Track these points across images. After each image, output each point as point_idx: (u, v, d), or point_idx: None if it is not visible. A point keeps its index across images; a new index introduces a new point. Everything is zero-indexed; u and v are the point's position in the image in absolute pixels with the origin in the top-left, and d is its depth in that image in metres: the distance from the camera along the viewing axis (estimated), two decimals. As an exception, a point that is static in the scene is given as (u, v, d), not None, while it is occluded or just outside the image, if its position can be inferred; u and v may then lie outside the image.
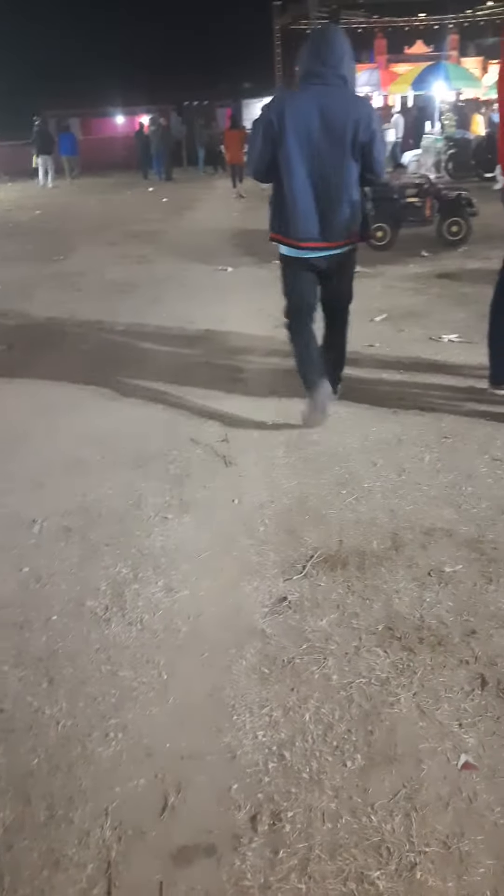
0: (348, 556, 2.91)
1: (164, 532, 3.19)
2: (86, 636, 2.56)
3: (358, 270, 7.33)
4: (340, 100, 3.66)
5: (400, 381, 4.73)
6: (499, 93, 3.94)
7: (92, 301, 7.49)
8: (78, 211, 15.30)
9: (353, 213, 3.81)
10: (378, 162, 3.77)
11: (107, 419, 4.41)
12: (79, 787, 1.97)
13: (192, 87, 35.34)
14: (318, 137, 3.64)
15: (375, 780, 1.91)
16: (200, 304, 7.12)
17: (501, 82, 3.85)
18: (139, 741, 2.11)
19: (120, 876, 1.72)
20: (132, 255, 9.92)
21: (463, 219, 8.81)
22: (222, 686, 2.29)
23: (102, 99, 34.39)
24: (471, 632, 2.43)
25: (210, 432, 4.13)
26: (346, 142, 3.64)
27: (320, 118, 3.61)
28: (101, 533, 3.21)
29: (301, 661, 2.37)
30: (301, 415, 4.12)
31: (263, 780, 1.95)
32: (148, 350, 5.76)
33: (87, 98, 34.02)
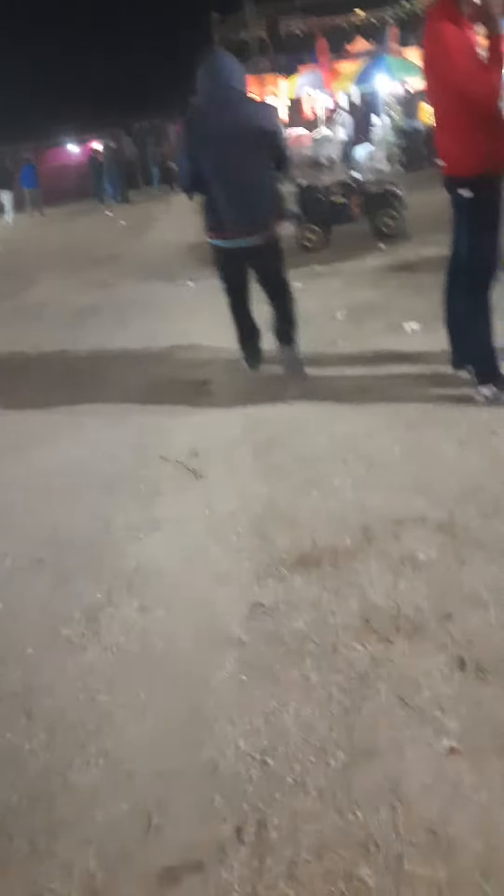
0: (321, 554, 2.88)
1: (137, 552, 3.16)
2: (62, 666, 2.53)
3: (317, 270, 7.35)
4: (242, 109, 4.17)
5: (364, 375, 4.72)
6: (426, 83, 3.94)
7: (55, 330, 7.46)
8: (38, 243, 15.30)
9: (268, 206, 4.43)
10: (284, 150, 4.36)
11: (75, 445, 4.38)
12: (61, 818, 1.93)
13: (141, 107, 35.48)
14: (228, 146, 4.15)
15: (359, 776, 1.89)
16: (164, 321, 7.11)
17: (425, 72, 3.85)
18: (119, 765, 2.07)
19: (106, 904, 1.69)
20: (94, 281, 9.89)
21: (395, 211, 8.93)
22: (201, 699, 2.26)
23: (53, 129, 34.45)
24: (447, 615, 2.42)
25: (179, 448, 4.10)
26: (253, 142, 4.16)
27: (228, 128, 4.13)
28: (73, 561, 3.18)
29: (279, 664, 2.34)
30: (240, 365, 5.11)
31: (247, 790, 1.92)
32: (113, 372, 5.73)
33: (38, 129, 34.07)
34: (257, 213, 4.36)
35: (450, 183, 3.88)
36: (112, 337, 6.80)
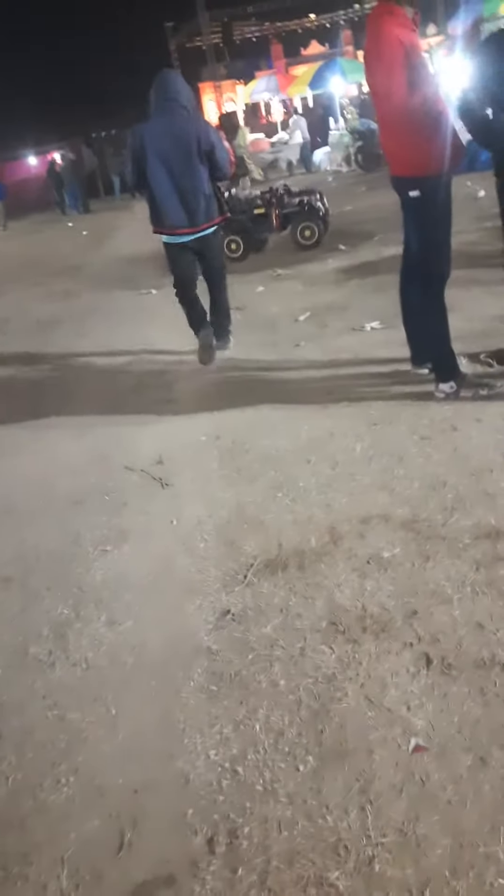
0: (288, 557, 2.88)
1: (105, 565, 3.14)
2: (31, 685, 2.50)
3: (279, 273, 7.38)
4: (184, 122, 4.85)
5: (327, 376, 4.74)
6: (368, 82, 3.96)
7: (18, 343, 7.41)
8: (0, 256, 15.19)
9: (208, 204, 5.02)
10: (221, 162, 4.99)
11: (39, 459, 4.34)
12: (33, 840, 1.91)
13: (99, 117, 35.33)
14: (172, 152, 4.82)
15: (328, 779, 1.89)
16: (127, 330, 7.09)
17: (366, 74, 3.87)
18: (91, 782, 2.05)
19: (79, 925, 1.67)
20: (57, 292, 9.84)
21: (314, 223, 9.09)
22: (171, 711, 2.25)
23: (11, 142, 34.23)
24: (412, 612, 2.42)
25: (144, 457, 4.08)
26: (192, 151, 4.83)
27: (171, 138, 4.80)
28: (40, 577, 3.15)
29: (248, 671, 2.33)
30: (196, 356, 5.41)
31: (218, 800, 1.91)
32: (77, 383, 5.70)
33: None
34: (196, 212, 4.99)
35: (397, 183, 3.90)
36: (75, 347, 6.77)
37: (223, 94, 34.57)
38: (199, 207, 4.98)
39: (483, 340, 4.54)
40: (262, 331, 6.11)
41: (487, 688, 2.05)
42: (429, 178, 3.71)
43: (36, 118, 36.41)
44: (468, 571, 2.55)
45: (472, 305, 5.20)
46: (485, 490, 3.04)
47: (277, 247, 9.72)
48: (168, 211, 4.96)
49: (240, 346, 5.77)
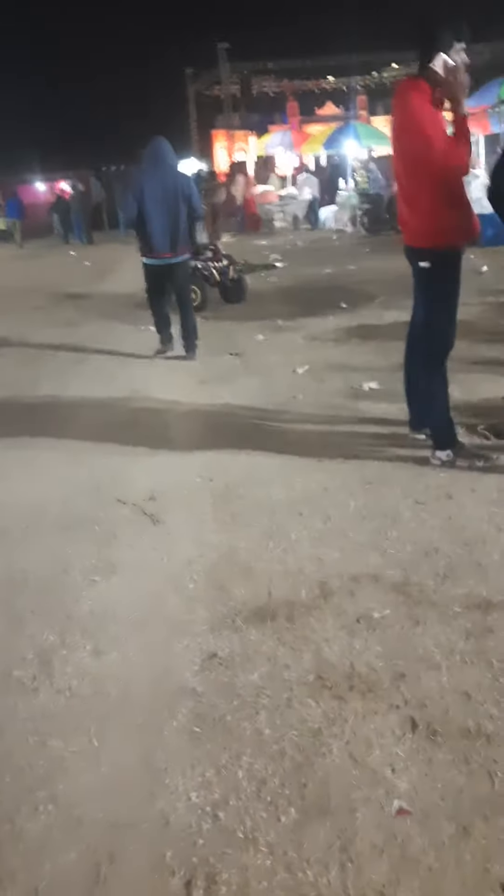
0: (277, 607, 2.91)
1: (92, 595, 3.15)
2: (13, 708, 2.49)
3: (280, 324, 7.53)
4: (172, 176, 6.82)
5: (323, 431, 4.82)
6: (392, 152, 4.11)
7: (16, 366, 7.44)
8: (1, 276, 15.27)
9: (184, 237, 6.84)
10: (195, 204, 6.90)
11: (31, 485, 4.35)
12: (6, 868, 1.89)
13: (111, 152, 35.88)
14: (162, 196, 6.62)
15: (310, 833, 1.90)
16: (125, 364, 7.15)
17: (393, 143, 4.03)
18: (70, 812, 2.05)
19: None
20: (57, 319, 9.91)
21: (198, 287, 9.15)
22: (154, 749, 2.25)
23: (21, 167, 34.61)
24: (400, 675, 2.46)
25: (137, 491, 4.11)
26: (177, 197, 6.67)
27: (162, 186, 6.65)
28: (27, 601, 3.14)
29: (232, 717, 2.35)
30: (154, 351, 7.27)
31: (198, 843, 1.91)
32: (72, 412, 5.73)
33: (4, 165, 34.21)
34: (176, 242, 6.77)
35: (410, 253, 4.02)
36: (72, 376, 6.82)
37: (235, 143, 35.33)
38: (179, 239, 6.79)
39: (481, 413, 4.64)
40: (259, 379, 6.20)
41: (472, 758, 2.08)
42: (442, 251, 3.84)
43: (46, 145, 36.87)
44: (458, 640, 2.60)
45: (472, 379, 5.32)
46: (477, 561, 3.10)
47: (279, 298, 9.91)
48: (157, 239, 6.72)
49: (237, 391, 5.86)
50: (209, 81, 35.37)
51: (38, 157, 34.69)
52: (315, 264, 12.72)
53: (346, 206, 18.46)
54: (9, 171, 32.05)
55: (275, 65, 33.94)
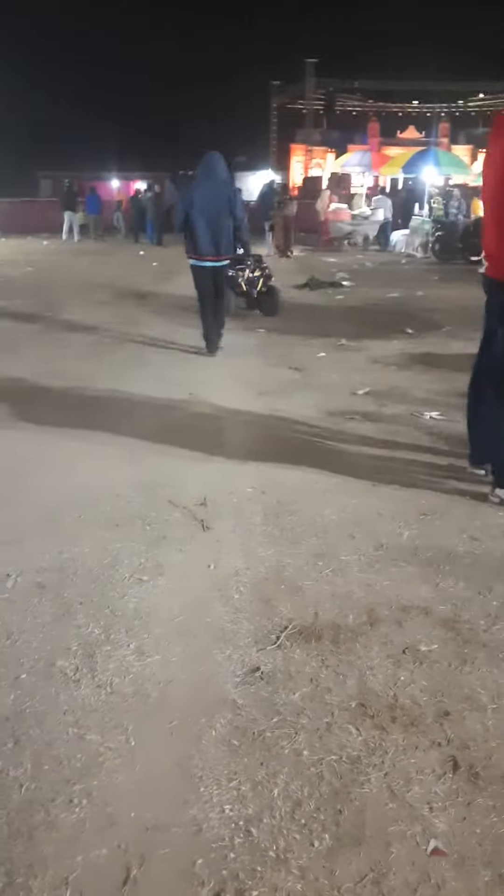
0: (323, 629, 2.90)
1: (139, 594, 3.17)
2: (54, 697, 2.52)
3: (342, 343, 7.51)
4: (220, 188, 7.36)
5: (380, 456, 4.79)
6: (483, 181, 4.10)
7: (78, 359, 7.55)
8: (69, 270, 15.52)
9: (228, 243, 7.51)
10: (239, 216, 7.42)
11: (86, 477, 4.40)
12: (40, 853, 1.91)
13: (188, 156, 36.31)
14: (209, 206, 7.24)
15: (343, 861, 1.88)
16: (185, 368, 7.21)
17: (486, 171, 4.00)
18: (103, 809, 2.06)
19: None
20: (121, 316, 10.04)
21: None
22: (190, 756, 2.25)
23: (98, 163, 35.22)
24: (444, 713, 2.42)
25: (188, 495, 4.13)
26: (223, 207, 7.27)
27: (211, 197, 7.26)
28: (74, 591, 3.18)
29: (272, 734, 2.34)
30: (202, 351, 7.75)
31: (229, 857, 1.91)
32: (131, 410, 5.79)
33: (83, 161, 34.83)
34: (220, 246, 7.42)
35: (491, 285, 3.98)
36: (133, 374, 6.89)
37: (312, 158, 35.50)
38: (222, 244, 7.43)
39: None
40: (318, 396, 6.20)
41: (513, 806, 2.05)
42: None
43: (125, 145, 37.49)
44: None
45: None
46: (531, 604, 3.05)
47: (344, 317, 9.90)
48: (202, 244, 7.35)
49: (295, 406, 5.86)
50: (293, 95, 35.66)
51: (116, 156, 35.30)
52: (382, 286, 12.69)
53: (418, 230, 18.39)
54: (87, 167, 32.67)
55: (361, 84, 34.06)
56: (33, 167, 36.93)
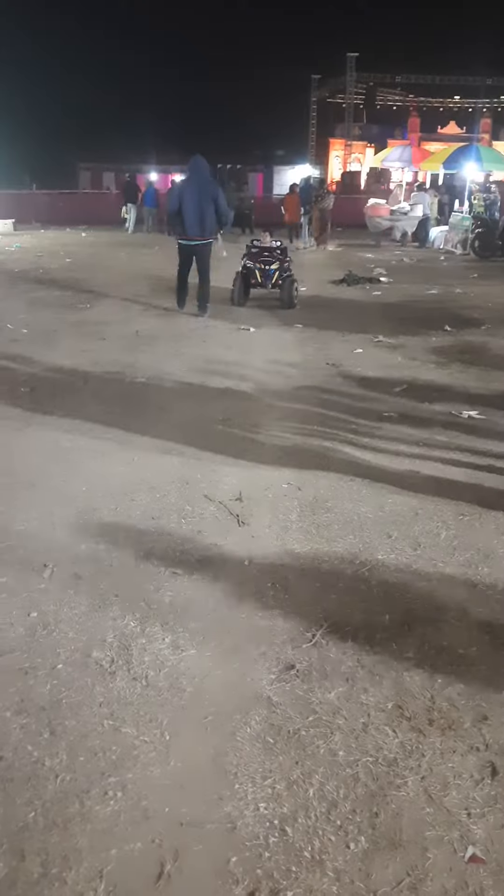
0: (359, 628, 2.87)
1: (174, 588, 3.17)
2: (90, 688, 2.53)
3: (379, 340, 7.42)
4: (206, 183, 9.13)
5: (418, 454, 4.74)
6: None
7: (115, 350, 7.57)
8: (106, 262, 15.55)
9: (210, 227, 9.14)
10: (221, 206, 9.13)
11: (123, 469, 4.42)
12: (74, 845, 1.92)
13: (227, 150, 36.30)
14: (196, 197, 8.92)
15: (379, 865, 1.86)
16: (222, 361, 7.19)
17: None
18: (138, 802, 2.06)
19: (111, 945, 1.67)
20: (157, 308, 10.05)
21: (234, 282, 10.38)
22: (225, 752, 2.25)
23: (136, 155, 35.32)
24: (482, 717, 2.39)
25: (224, 490, 4.13)
26: (208, 198, 8.95)
27: (198, 189, 8.95)
28: (110, 583, 3.19)
29: (307, 733, 2.33)
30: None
31: (263, 855, 1.90)
32: (167, 403, 5.79)
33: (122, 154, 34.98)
34: (203, 230, 9.07)
35: None
36: (169, 366, 6.88)
37: (351, 153, 35.28)
38: (206, 228, 9.09)
39: None
40: (354, 393, 6.15)
41: (554, 816, 2.01)
42: None
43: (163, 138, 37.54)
44: (546, 690, 2.51)
45: None
46: None
47: (382, 313, 9.82)
48: (189, 226, 9.04)
49: (331, 402, 5.82)
50: (333, 89, 35.44)
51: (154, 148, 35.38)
52: (420, 283, 12.57)
53: (458, 227, 18.16)
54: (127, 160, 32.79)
55: (401, 78, 33.74)
56: (74, 159, 37.18)
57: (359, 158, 35.10)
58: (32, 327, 8.58)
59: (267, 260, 10.37)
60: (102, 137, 39.16)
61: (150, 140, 36.69)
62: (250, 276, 10.35)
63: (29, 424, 5.18)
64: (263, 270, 10.30)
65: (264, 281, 10.27)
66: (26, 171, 31.95)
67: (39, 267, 14.13)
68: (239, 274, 10.40)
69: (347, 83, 33.72)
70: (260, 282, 10.30)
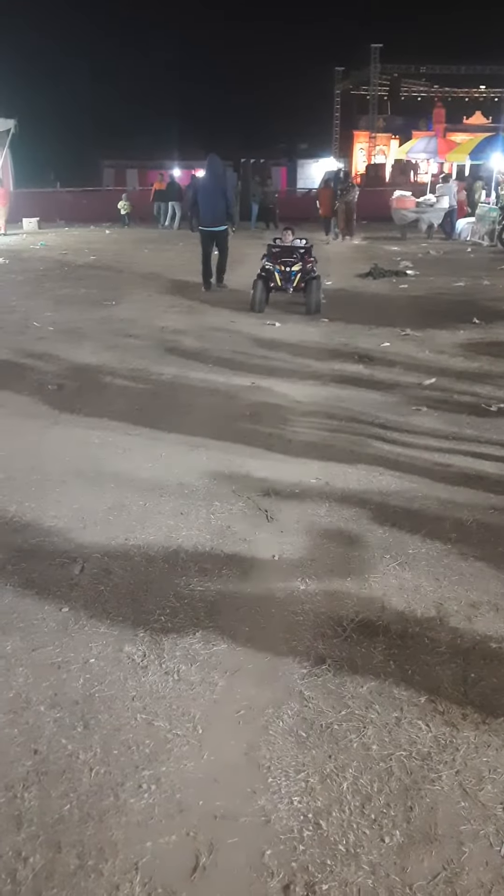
0: (391, 622, 2.86)
1: (203, 582, 3.18)
2: (122, 682, 2.55)
3: (406, 333, 7.39)
4: (218, 179, 10.74)
5: (447, 448, 4.70)
6: None
7: (141, 347, 7.60)
8: (130, 259, 15.59)
9: (222, 216, 10.61)
10: (229, 198, 10.77)
11: (151, 465, 4.43)
12: (110, 837, 1.94)
13: (250, 144, 36.19)
14: (209, 191, 10.54)
15: (414, 859, 1.86)
16: (248, 356, 7.19)
17: None
18: (172, 796, 2.07)
19: (148, 937, 1.68)
20: (182, 305, 10.06)
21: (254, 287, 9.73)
22: (258, 746, 2.25)
23: (160, 151, 35.32)
24: (516, 712, 2.37)
25: (253, 486, 4.13)
26: (219, 192, 10.49)
27: (210, 184, 10.64)
28: (140, 578, 3.21)
29: (340, 727, 2.32)
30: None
31: (298, 849, 1.90)
32: (194, 399, 5.81)
33: (147, 149, 35.03)
34: (217, 218, 10.60)
35: None
36: (195, 362, 6.90)
37: (376, 145, 35.07)
38: (219, 216, 10.62)
39: None
40: (382, 387, 6.12)
41: None
42: None
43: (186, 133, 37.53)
44: None
45: None
46: None
47: (409, 307, 9.77)
48: (204, 216, 10.71)
49: (359, 396, 5.80)
50: (357, 81, 35.22)
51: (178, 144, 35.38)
52: (447, 275, 12.46)
53: (485, 218, 17.98)
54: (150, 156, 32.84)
55: (426, 69, 33.46)
56: (97, 157, 37.31)
57: (383, 150, 34.88)
58: (59, 325, 8.63)
59: (288, 261, 9.59)
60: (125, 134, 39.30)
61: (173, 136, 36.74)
62: (270, 278, 9.56)
63: (57, 422, 5.22)
64: (284, 273, 9.52)
65: (285, 284, 9.51)
66: (50, 169, 32.16)
67: (64, 265, 14.22)
68: (259, 277, 9.63)
69: (371, 75, 33.49)
70: (280, 285, 9.53)
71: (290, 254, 9.75)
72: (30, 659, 2.67)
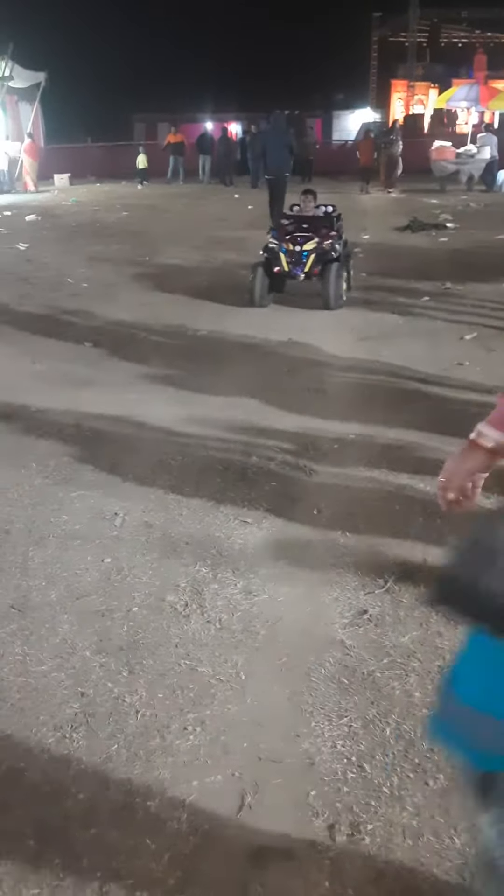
0: (432, 573, 2.86)
1: (244, 536, 3.20)
2: (165, 630, 2.59)
3: (447, 287, 7.26)
4: (281, 133, 13.17)
5: (489, 403, 4.60)
6: None
7: (175, 304, 7.57)
8: (163, 214, 15.48)
9: (286, 165, 12.82)
10: (292, 147, 13.00)
11: (189, 421, 4.44)
12: (157, 777, 1.98)
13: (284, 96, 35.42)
14: (274, 142, 13.03)
15: (458, 802, 1.87)
16: (284, 313, 7.12)
17: None
18: (217, 738, 2.11)
19: (196, 869, 1.73)
20: (216, 260, 9.98)
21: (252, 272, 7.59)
22: (300, 692, 2.28)
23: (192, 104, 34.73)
24: None
25: (292, 440, 4.12)
26: (283, 143, 12.74)
27: (275, 138, 13.08)
28: (180, 530, 3.23)
29: (381, 675, 2.34)
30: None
31: (342, 790, 1.93)
32: (231, 354, 5.79)
33: (178, 103, 34.46)
34: (280, 167, 12.65)
35: None
36: (229, 319, 6.85)
37: (414, 95, 34.12)
38: (283, 166, 12.59)
39: None
40: (423, 341, 6.04)
41: None
42: None
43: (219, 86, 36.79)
44: None
45: None
46: None
47: (449, 260, 9.59)
48: (271, 165, 12.82)
49: (398, 352, 5.73)
50: (395, 27, 34.17)
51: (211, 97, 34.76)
52: (488, 228, 12.18)
53: (525, 170, 17.54)
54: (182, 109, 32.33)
55: (468, 13, 32.30)
56: (128, 111, 36.83)
57: (422, 100, 33.90)
58: (93, 281, 8.63)
59: (300, 237, 7.25)
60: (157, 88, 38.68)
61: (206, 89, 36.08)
62: (273, 262, 7.22)
63: (94, 380, 5.24)
64: (292, 252, 7.16)
65: (294, 269, 7.16)
66: (81, 125, 31.82)
67: (97, 221, 14.18)
68: (259, 262, 7.39)
69: (410, 20, 32.39)
70: (288, 270, 7.17)
71: (306, 225, 7.50)
72: (74, 607, 2.72)
